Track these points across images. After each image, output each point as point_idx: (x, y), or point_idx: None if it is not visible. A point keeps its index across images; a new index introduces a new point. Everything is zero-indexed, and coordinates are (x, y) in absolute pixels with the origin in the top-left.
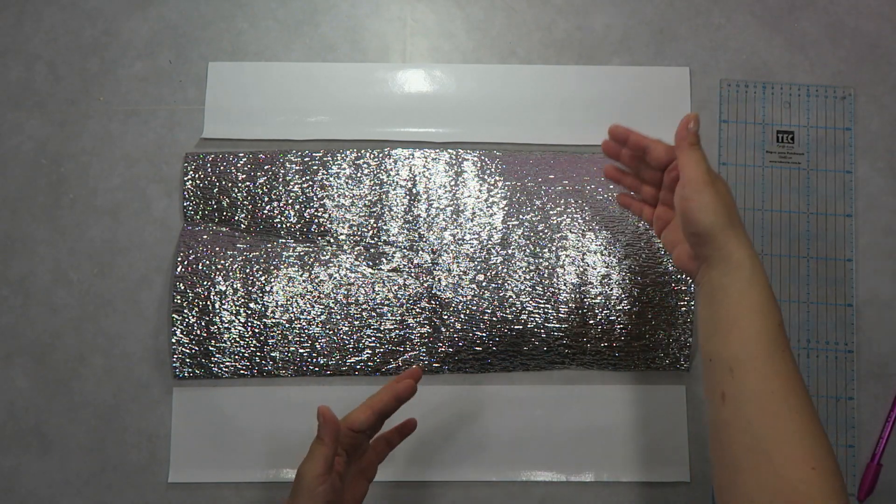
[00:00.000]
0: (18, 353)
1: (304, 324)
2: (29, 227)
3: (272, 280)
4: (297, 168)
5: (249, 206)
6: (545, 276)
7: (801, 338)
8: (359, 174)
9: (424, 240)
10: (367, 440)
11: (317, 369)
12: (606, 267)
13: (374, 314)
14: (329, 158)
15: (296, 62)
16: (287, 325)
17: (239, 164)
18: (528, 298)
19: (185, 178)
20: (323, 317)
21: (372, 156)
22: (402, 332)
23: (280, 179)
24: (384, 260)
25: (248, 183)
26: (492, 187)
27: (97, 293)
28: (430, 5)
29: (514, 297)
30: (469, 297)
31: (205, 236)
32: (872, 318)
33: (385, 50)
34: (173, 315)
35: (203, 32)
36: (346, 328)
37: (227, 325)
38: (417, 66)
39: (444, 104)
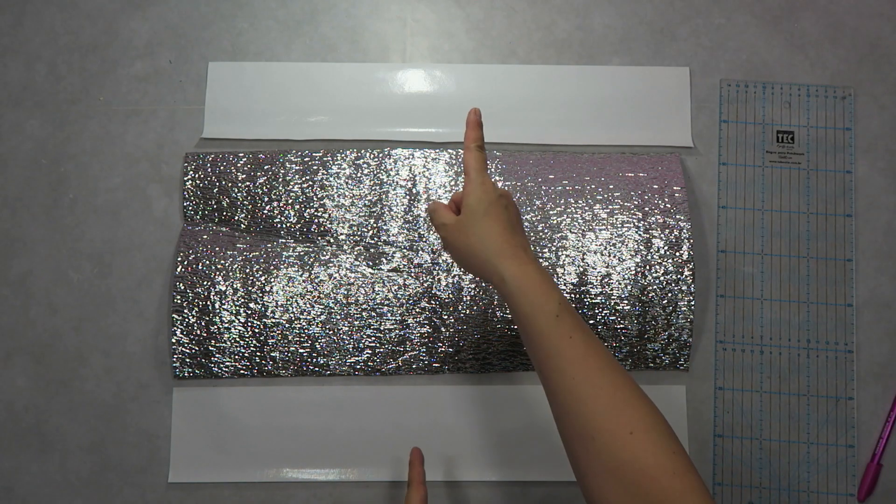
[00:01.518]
0: (18, 353)
1: (304, 324)
2: (29, 227)
3: (272, 280)
4: (297, 168)
5: (249, 206)
6: None
7: (801, 338)
8: (359, 174)
9: (424, 240)
10: None
11: (317, 369)
12: (606, 267)
13: (374, 314)
14: (329, 158)
15: (296, 62)
16: (287, 325)
17: (239, 164)
18: None
19: (185, 178)
20: (323, 317)
21: (372, 156)
22: (402, 332)
23: (280, 179)
24: (384, 260)
25: (248, 183)
26: None
27: (97, 293)
28: (430, 5)
29: None
30: (469, 297)
31: (205, 236)
32: (872, 318)
33: (385, 50)
34: (173, 315)
35: (203, 32)
36: (346, 328)
37: (227, 325)
38: (417, 66)
39: (444, 104)
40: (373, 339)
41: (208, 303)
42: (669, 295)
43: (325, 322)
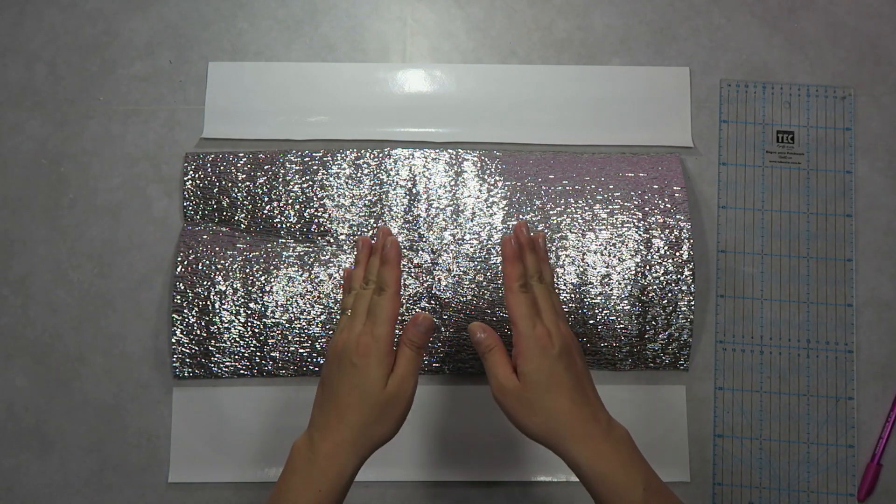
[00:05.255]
0: (18, 353)
1: (304, 324)
2: (29, 227)
3: (272, 280)
4: (297, 168)
5: (249, 206)
6: None
7: (801, 338)
8: (359, 174)
9: (424, 240)
10: None
11: (317, 369)
12: (606, 267)
13: None
14: (329, 158)
15: (296, 62)
16: (287, 325)
17: (239, 164)
18: None
19: (185, 178)
20: (323, 317)
21: (372, 156)
22: None
23: (280, 179)
24: None
25: (248, 183)
26: (492, 187)
27: (97, 293)
28: (430, 5)
29: None
30: (469, 297)
31: (205, 236)
32: (872, 318)
33: (385, 50)
34: (173, 315)
35: (203, 32)
36: None
37: (227, 325)
38: (417, 66)
39: (444, 104)
40: None
41: (208, 303)
42: (669, 295)
43: (325, 322)
